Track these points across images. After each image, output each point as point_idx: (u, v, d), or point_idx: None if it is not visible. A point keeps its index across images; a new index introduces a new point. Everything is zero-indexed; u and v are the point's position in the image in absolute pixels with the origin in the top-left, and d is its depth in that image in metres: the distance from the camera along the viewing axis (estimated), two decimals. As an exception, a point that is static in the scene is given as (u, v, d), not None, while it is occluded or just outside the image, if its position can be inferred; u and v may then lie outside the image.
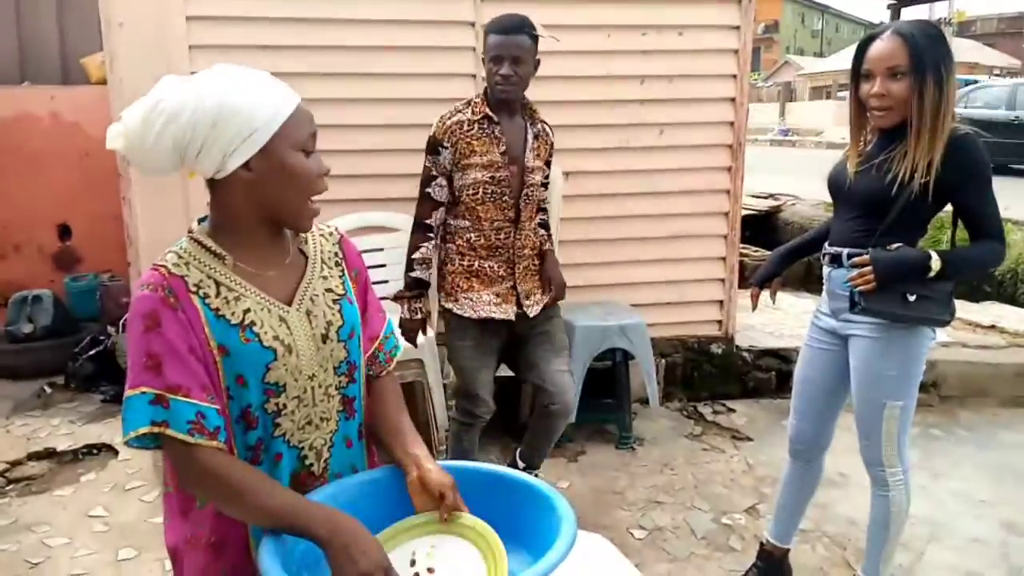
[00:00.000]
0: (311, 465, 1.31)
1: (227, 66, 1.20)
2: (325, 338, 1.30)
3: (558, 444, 3.17)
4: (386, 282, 3.54)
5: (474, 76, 3.69)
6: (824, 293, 2.34)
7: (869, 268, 2.05)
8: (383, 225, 3.58)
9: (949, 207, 2.14)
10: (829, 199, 2.36)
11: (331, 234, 1.43)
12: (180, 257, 1.21)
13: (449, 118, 2.63)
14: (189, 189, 3.53)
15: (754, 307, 2.54)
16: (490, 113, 2.61)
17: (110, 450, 3.59)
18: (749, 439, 3.78)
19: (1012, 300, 6.37)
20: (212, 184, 1.22)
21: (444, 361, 3.39)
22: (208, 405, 1.16)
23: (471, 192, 2.62)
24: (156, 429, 1.13)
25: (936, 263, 2.03)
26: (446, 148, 2.61)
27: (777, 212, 9.42)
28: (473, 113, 2.61)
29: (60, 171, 5.05)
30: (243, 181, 1.19)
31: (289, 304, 1.28)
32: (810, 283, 6.08)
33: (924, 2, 5.64)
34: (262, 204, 1.22)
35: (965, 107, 12.53)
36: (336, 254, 1.41)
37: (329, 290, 1.34)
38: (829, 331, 2.33)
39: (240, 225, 1.24)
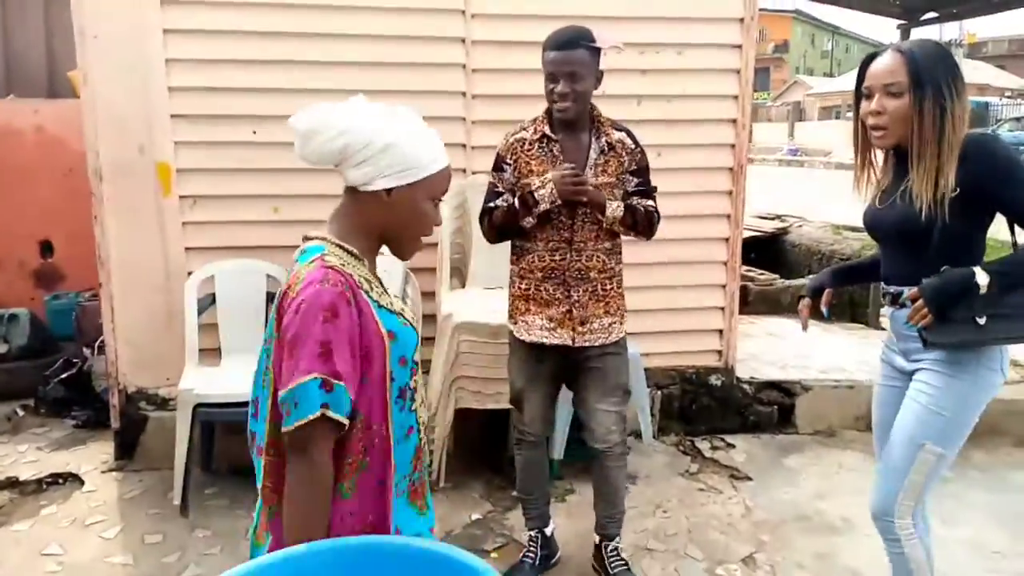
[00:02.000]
0: (422, 441, 1.47)
1: (409, 110, 1.41)
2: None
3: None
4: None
5: (464, 94, 3.55)
6: (891, 333, 2.19)
7: (922, 302, 1.91)
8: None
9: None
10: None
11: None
12: (338, 257, 1.36)
13: (513, 135, 2.59)
14: (164, 209, 3.40)
15: (804, 325, 2.34)
16: (548, 132, 2.53)
17: (76, 479, 3.42)
18: (749, 478, 3.58)
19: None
20: (353, 193, 1.41)
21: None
22: (353, 402, 1.30)
23: None
24: (323, 412, 1.25)
25: (983, 277, 1.88)
26: (509, 165, 2.56)
27: (784, 234, 9.24)
28: (534, 132, 2.54)
29: (43, 186, 4.91)
30: (380, 201, 1.39)
31: None
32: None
33: (933, 23, 5.52)
34: (386, 225, 1.41)
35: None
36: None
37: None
38: (900, 370, 2.16)
39: (367, 234, 1.41)
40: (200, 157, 3.40)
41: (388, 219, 1.40)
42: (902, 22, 5.19)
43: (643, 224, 2.58)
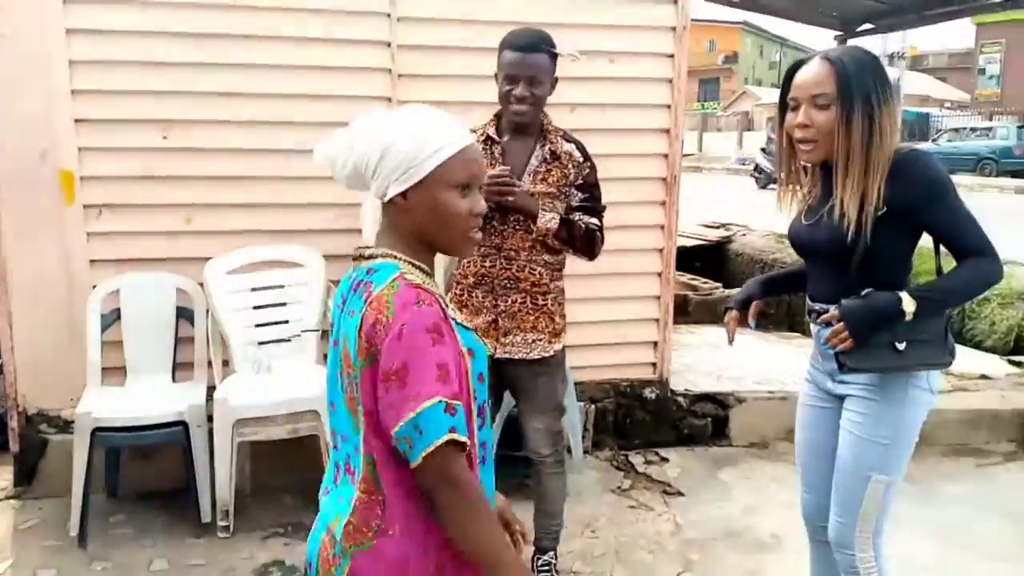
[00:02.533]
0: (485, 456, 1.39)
1: (415, 106, 1.36)
2: None
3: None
4: (286, 322, 3.24)
5: (390, 100, 3.43)
6: (815, 351, 2.13)
7: (842, 325, 1.84)
8: (286, 260, 3.28)
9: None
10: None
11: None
12: (415, 275, 1.31)
13: None
14: (66, 219, 3.20)
15: (731, 338, 2.24)
16: (492, 134, 2.44)
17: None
18: (681, 494, 3.52)
19: (960, 338, 6.26)
20: (385, 208, 1.36)
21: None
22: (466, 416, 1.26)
23: None
24: (451, 436, 1.20)
25: (909, 305, 1.82)
26: None
27: (728, 242, 9.31)
28: (480, 135, 2.46)
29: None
30: (400, 207, 1.32)
31: None
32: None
33: (870, 34, 5.60)
34: (417, 230, 1.33)
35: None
36: None
37: None
38: (828, 392, 2.10)
39: (415, 245, 1.34)
40: (106, 164, 3.21)
41: (418, 223, 1.33)
42: (839, 33, 5.23)
43: (581, 241, 2.47)
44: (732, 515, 3.34)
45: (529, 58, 2.34)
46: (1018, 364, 4.99)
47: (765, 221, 8.64)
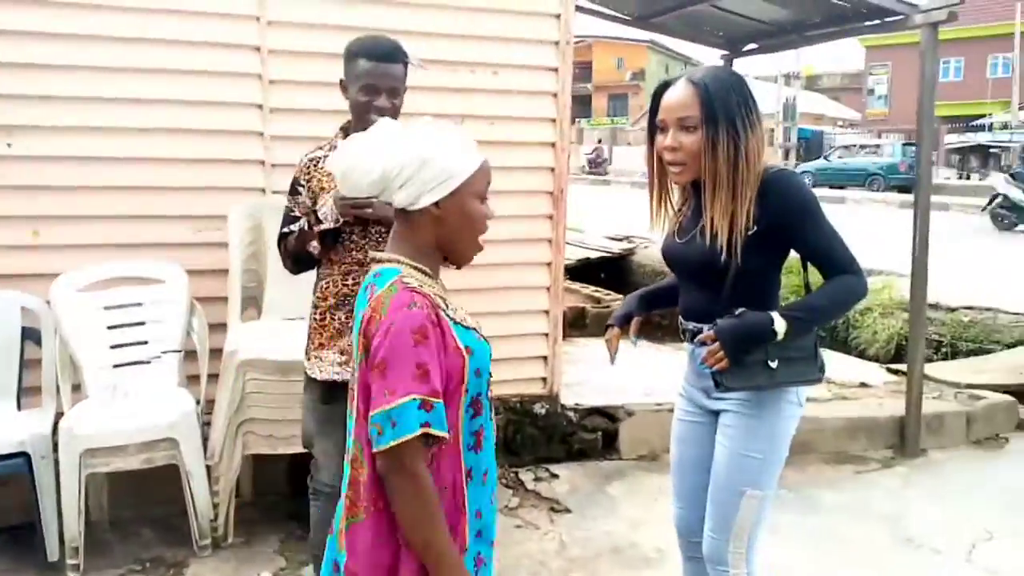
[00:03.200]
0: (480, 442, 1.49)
1: (434, 122, 1.46)
2: None
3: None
4: (145, 343, 3.03)
5: (260, 106, 3.27)
6: (690, 367, 2.13)
7: (717, 345, 1.84)
8: (144, 276, 3.06)
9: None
10: None
11: None
12: (415, 278, 1.42)
13: (308, 155, 2.41)
14: None
15: (612, 357, 2.19)
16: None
17: None
18: (568, 511, 3.48)
19: (844, 346, 6.50)
20: (404, 215, 1.46)
21: (212, 437, 2.91)
22: (445, 411, 1.37)
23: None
24: (424, 431, 1.32)
25: (780, 325, 1.85)
26: (303, 187, 2.37)
27: (631, 254, 9.45)
28: (329, 148, 2.36)
29: None
30: (431, 216, 1.43)
31: None
32: (648, 331, 5.95)
33: (754, 54, 5.77)
34: (442, 237, 1.45)
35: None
36: None
37: None
38: (703, 407, 2.09)
39: (430, 251, 1.47)
40: (-59, 173, 2.94)
41: (443, 230, 1.45)
42: (725, 53, 5.37)
43: None
44: (618, 531, 3.31)
45: (390, 68, 2.26)
46: (896, 372, 5.19)
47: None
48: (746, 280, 1.91)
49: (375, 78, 2.24)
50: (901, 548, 3.25)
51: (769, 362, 1.90)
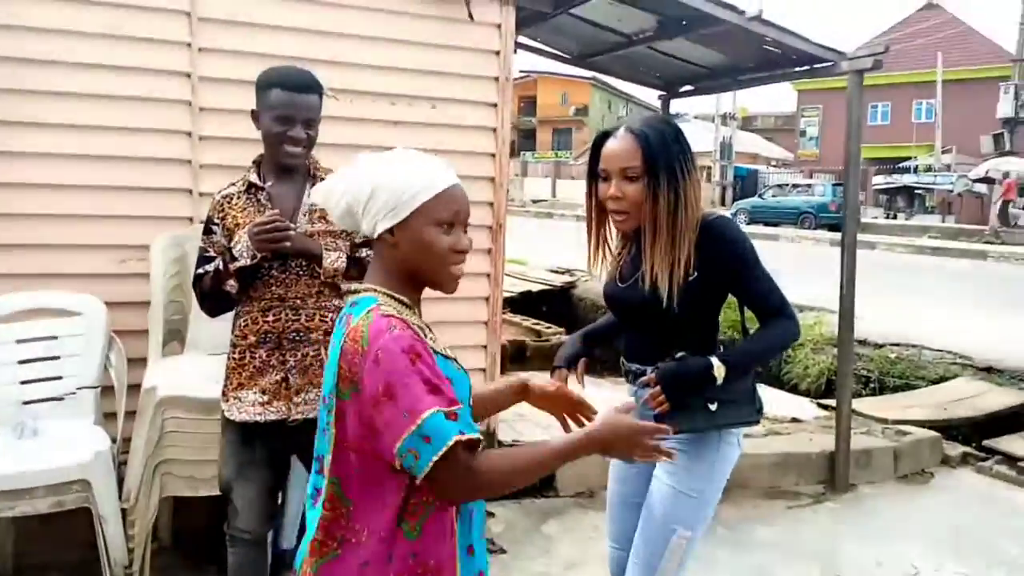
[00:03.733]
0: None
1: (402, 150, 1.45)
2: None
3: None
4: (60, 378, 2.87)
5: (189, 134, 3.18)
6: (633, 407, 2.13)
7: (659, 388, 1.91)
8: (60, 308, 2.91)
9: None
10: None
11: None
12: (391, 307, 1.39)
13: (220, 193, 2.35)
14: None
15: None
16: (254, 180, 2.27)
17: None
18: (503, 551, 3.41)
19: (778, 381, 6.62)
20: (375, 244, 1.45)
21: (125, 479, 2.76)
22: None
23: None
24: (460, 438, 1.29)
25: (719, 370, 1.93)
26: (217, 225, 2.30)
27: (572, 287, 9.51)
28: (242, 183, 2.33)
29: None
30: (387, 244, 1.42)
31: None
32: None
33: (690, 95, 5.94)
34: (404, 265, 1.43)
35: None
36: None
37: None
38: None
39: (402, 280, 1.44)
40: None
41: (405, 259, 1.42)
42: (663, 93, 5.50)
43: None
44: (552, 572, 3.26)
45: (306, 99, 2.23)
46: (827, 407, 5.30)
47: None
48: (686, 324, 1.98)
49: (290, 108, 2.20)
50: (832, 585, 3.28)
51: (709, 404, 1.97)
